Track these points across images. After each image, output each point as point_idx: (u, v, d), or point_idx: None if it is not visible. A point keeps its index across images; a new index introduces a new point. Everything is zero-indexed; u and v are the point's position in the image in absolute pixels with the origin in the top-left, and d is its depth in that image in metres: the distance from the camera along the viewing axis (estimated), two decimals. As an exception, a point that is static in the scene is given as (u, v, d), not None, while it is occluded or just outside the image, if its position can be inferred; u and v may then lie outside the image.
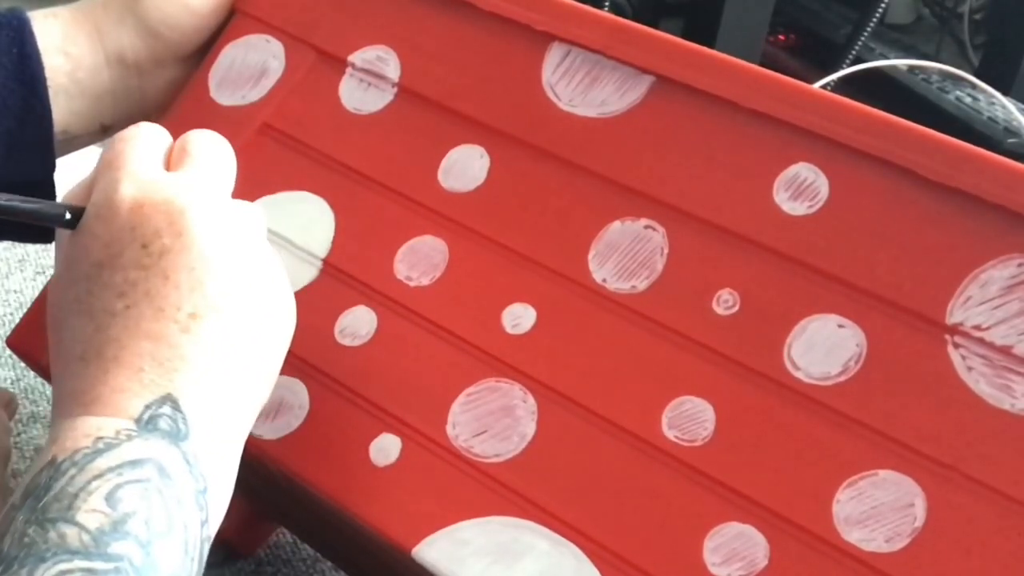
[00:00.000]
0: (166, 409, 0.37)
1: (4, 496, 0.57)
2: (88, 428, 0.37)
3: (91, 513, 0.34)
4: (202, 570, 0.37)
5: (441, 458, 0.44)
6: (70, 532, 0.34)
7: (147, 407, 0.37)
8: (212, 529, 0.38)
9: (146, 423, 0.37)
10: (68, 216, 0.40)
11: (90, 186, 0.42)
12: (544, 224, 0.45)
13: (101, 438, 0.36)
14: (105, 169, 0.41)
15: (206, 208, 0.40)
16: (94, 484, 0.35)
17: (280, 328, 0.42)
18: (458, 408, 0.44)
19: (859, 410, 0.39)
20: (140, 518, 0.35)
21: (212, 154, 0.43)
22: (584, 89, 0.46)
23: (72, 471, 0.35)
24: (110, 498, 0.35)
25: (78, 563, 0.33)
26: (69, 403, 0.38)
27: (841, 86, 0.85)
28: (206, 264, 0.39)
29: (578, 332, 0.44)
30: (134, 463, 0.36)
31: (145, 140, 0.42)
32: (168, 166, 0.42)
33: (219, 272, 0.39)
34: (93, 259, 0.39)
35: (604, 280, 0.44)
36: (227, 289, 0.39)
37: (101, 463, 0.35)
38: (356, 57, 0.51)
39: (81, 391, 0.38)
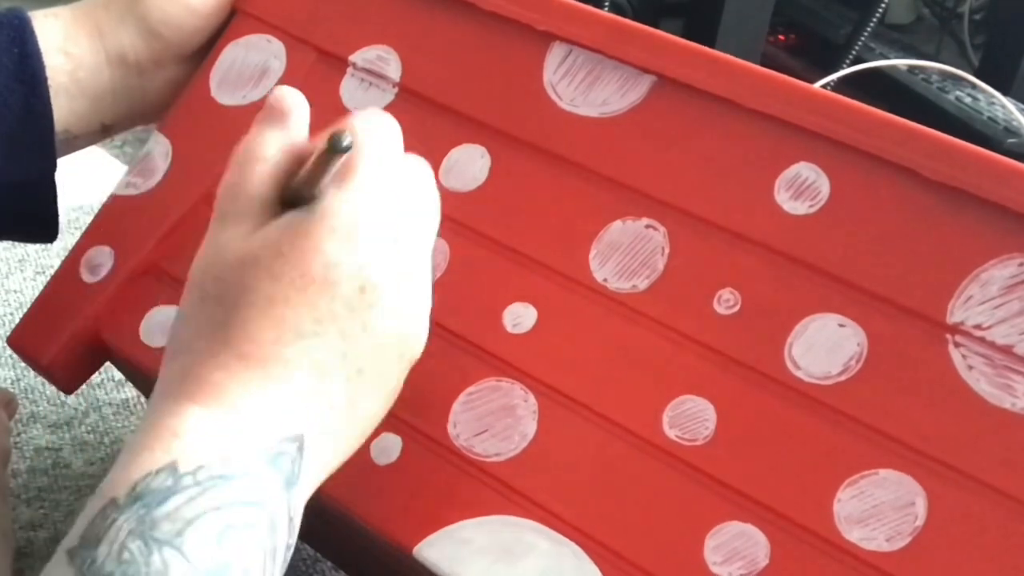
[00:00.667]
0: (292, 448, 0.36)
1: (3, 495, 0.57)
2: (220, 441, 0.35)
3: (200, 548, 0.33)
4: None
5: (442, 457, 0.44)
6: (175, 562, 0.32)
7: (281, 440, 0.36)
8: None
9: (273, 456, 0.36)
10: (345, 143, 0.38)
11: (293, 170, 0.39)
12: (545, 224, 0.45)
13: (229, 459, 0.35)
14: (351, 181, 0.39)
15: (420, 305, 0.40)
16: (210, 516, 0.33)
17: (401, 383, 0.41)
18: (459, 407, 0.44)
19: (860, 409, 0.39)
20: (239, 566, 0.33)
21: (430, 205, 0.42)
22: (585, 89, 0.46)
23: (192, 491, 0.34)
24: (221, 537, 0.33)
25: None
26: (208, 391, 0.36)
27: (841, 86, 0.85)
28: (395, 339, 0.39)
29: (579, 332, 0.44)
30: (251, 504, 0.34)
31: (393, 144, 0.41)
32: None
33: (400, 350, 0.39)
34: (309, 270, 0.37)
35: (605, 279, 0.44)
36: (395, 363, 0.40)
37: (223, 494, 0.34)
38: (357, 57, 0.51)
39: (225, 389, 0.36)
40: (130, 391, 0.71)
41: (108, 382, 0.71)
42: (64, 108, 0.51)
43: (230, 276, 0.38)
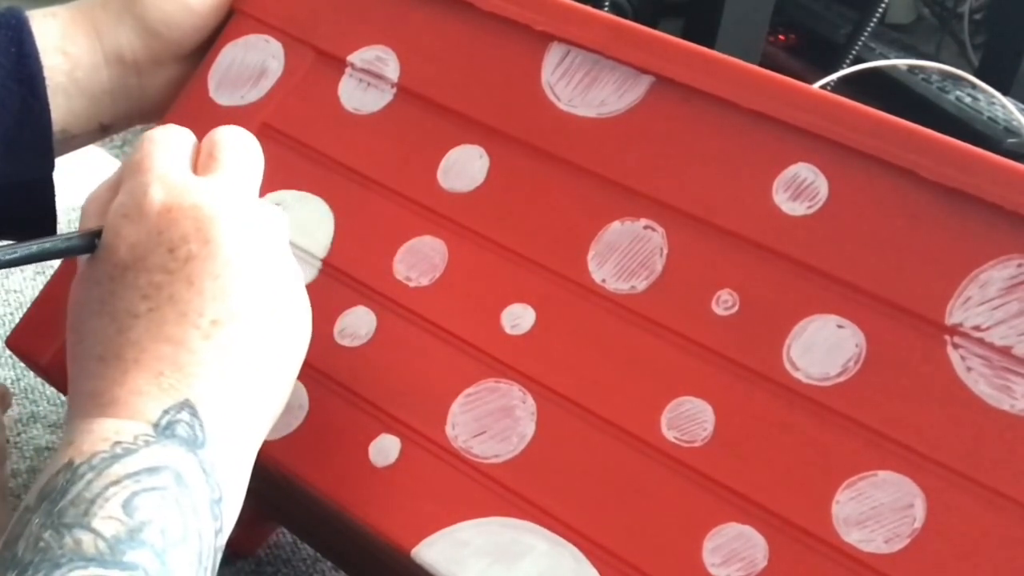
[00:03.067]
0: (184, 415, 0.37)
1: (3, 495, 0.57)
2: (106, 431, 0.36)
3: (108, 520, 0.34)
4: None
5: (440, 459, 0.44)
6: (86, 538, 0.33)
7: (165, 412, 0.37)
8: (224, 538, 0.38)
9: (164, 428, 0.37)
10: (85, 242, 0.41)
11: (115, 186, 0.42)
12: (543, 224, 0.45)
13: (119, 442, 0.36)
14: (134, 171, 0.41)
15: (233, 215, 0.40)
16: (111, 490, 0.35)
17: (298, 336, 0.42)
18: (457, 409, 0.44)
19: (858, 410, 0.39)
20: (156, 527, 0.34)
21: (240, 156, 0.43)
22: (583, 89, 0.46)
23: (89, 475, 0.35)
24: (127, 505, 0.34)
25: (93, 570, 0.33)
26: (86, 403, 0.38)
27: (841, 86, 0.85)
28: (231, 272, 0.39)
29: (577, 332, 0.44)
30: (151, 470, 0.35)
31: (173, 142, 0.42)
32: (196, 168, 0.42)
33: (243, 280, 0.39)
34: (118, 260, 0.39)
35: (603, 280, 0.44)
36: (250, 298, 0.40)
37: (119, 468, 0.35)
38: (355, 57, 0.51)
39: (99, 392, 0.38)
40: (129, 391, 0.71)
41: (107, 382, 0.71)
42: (62, 108, 0.51)
43: (73, 303, 0.41)
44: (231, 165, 0.42)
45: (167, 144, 0.42)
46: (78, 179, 0.58)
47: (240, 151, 0.43)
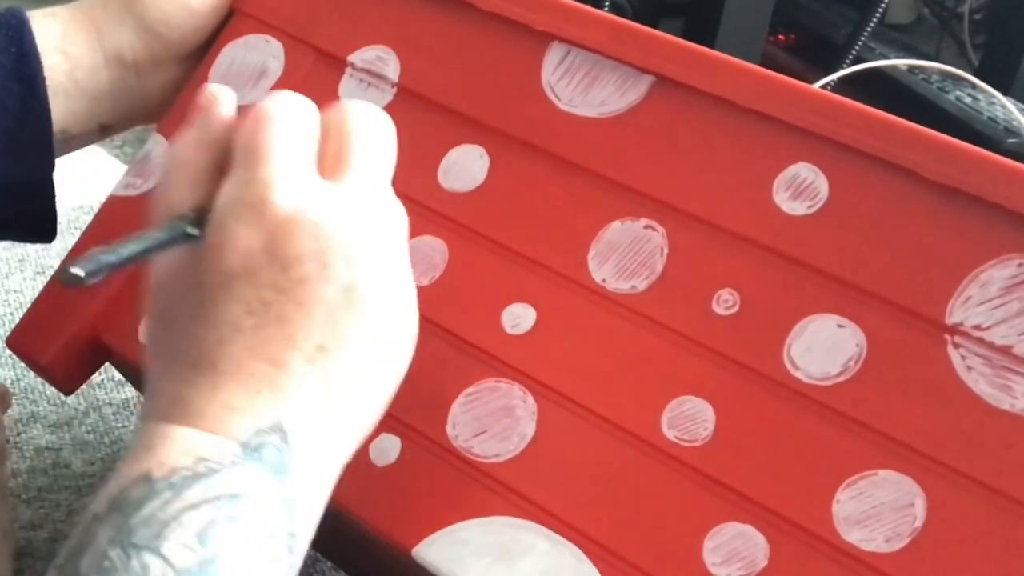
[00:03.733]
0: (274, 438, 0.35)
1: (3, 495, 0.57)
2: (190, 444, 0.35)
3: (180, 549, 0.32)
4: None
5: (441, 458, 0.44)
6: (155, 565, 0.32)
7: (257, 432, 0.35)
8: (295, 572, 0.36)
9: (252, 449, 0.35)
10: (193, 231, 0.37)
11: (215, 156, 0.38)
12: (544, 224, 0.45)
13: (204, 459, 0.34)
14: (250, 158, 0.37)
15: (356, 240, 0.37)
16: (187, 515, 0.33)
17: (399, 367, 0.40)
18: (458, 408, 0.44)
19: (859, 410, 0.39)
20: (227, 562, 0.33)
21: (372, 154, 0.39)
22: (584, 89, 0.46)
23: (167, 494, 0.33)
24: (202, 535, 0.33)
25: None
26: (171, 409, 0.36)
27: (841, 86, 0.85)
28: (346, 301, 0.37)
29: (578, 332, 0.44)
30: (232, 497, 0.34)
31: (297, 125, 0.38)
32: (322, 165, 0.39)
33: (356, 311, 0.37)
34: (226, 268, 0.36)
35: (604, 280, 0.44)
36: (361, 328, 0.37)
37: (199, 491, 0.33)
38: (356, 57, 0.51)
39: (187, 399, 0.36)
40: (130, 391, 0.71)
41: (108, 382, 0.71)
42: (62, 108, 0.51)
43: (163, 292, 0.38)
44: (362, 169, 0.39)
45: (291, 128, 0.38)
46: (80, 179, 0.58)
47: (373, 146, 0.39)
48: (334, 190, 0.38)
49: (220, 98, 0.40)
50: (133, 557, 0.32)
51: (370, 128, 0.40)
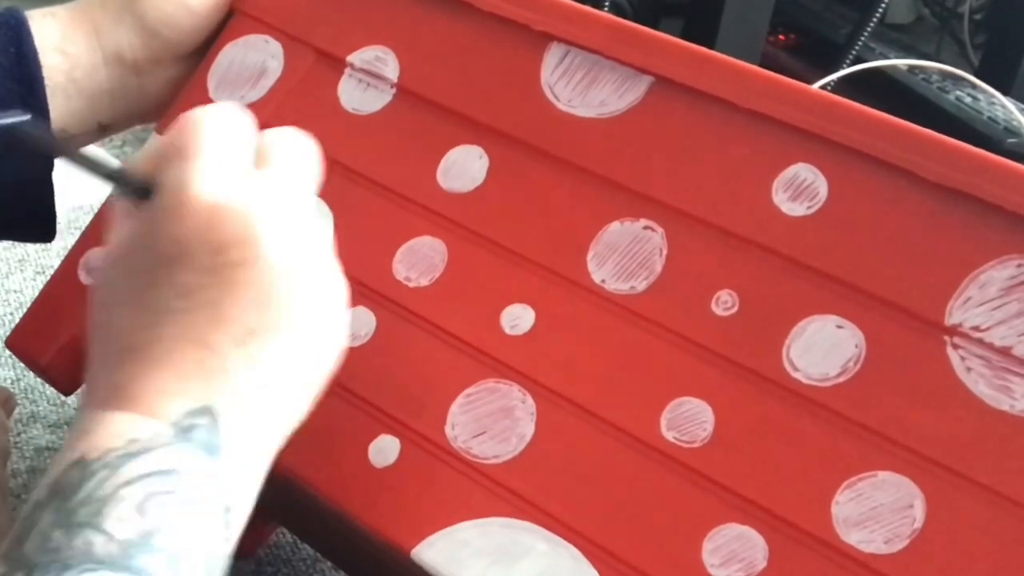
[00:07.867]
0: (204, 420, 0.36)
1: (3, 495, 0.57)
2: (122, 427, 0.35)
3: (120, 522, 0.33)
4: None
5: (440, 459, 0.44)
6: (97, 540, 0.33)
7: (186, 414, 0.36)
8: (231, 547, 0.37)
9: (182, 430, 0.36)
10: (136, 185, 0.38)
11: (155, 161, 0.39)
12: (543, 225, 0.45)
13: (135, 439, 0.35)
14: (183, 154, 0.38)
15: (282, 225, 0.38)
16: (124, 491, 0.34)
17: (330, 353, 0.40)
18: (457, 409, 0.44)
19: (858, 411, 0.39)
20: (168, 532, 0.34)
21: (294, 157, 0.41)
22: (583, 89, 0.46)
23: (103, 473, 0.34)
24: (141, 507, 0.34)
25: (104, 573, 0.32)
26: (106, 394, 0.37)
27: (841, 86, 0.85)
28: (273, 285, 0.38)
29: (577, 333, 0.44)
30: (166, 472, 0.35)
31: (226, 126, 0.40)
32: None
33: (284, 294, 0.38)
34: (160, 252, 0.37)
35: (603, 281, 0.44)
36: (289, 312, 0.38)
37: (133, 468, 0.34)
38: (355, 57, 0.51)
39: (120, 384, 0.37)
40: (129, 391, 0.71)
41: (107, 382, 0.71)
42: (61, 108, 0.51)
43: (104, 286, 0.39)
44: (286, 167, 0.40)
45: (222, 128, 0.39)
46: (80, 179, 0.58)
47: (296, 153, 0.41)
48: (261, 180, 0.39)
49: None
50: (76, 535, 0.33)
51: (294, 140, 0.42)
